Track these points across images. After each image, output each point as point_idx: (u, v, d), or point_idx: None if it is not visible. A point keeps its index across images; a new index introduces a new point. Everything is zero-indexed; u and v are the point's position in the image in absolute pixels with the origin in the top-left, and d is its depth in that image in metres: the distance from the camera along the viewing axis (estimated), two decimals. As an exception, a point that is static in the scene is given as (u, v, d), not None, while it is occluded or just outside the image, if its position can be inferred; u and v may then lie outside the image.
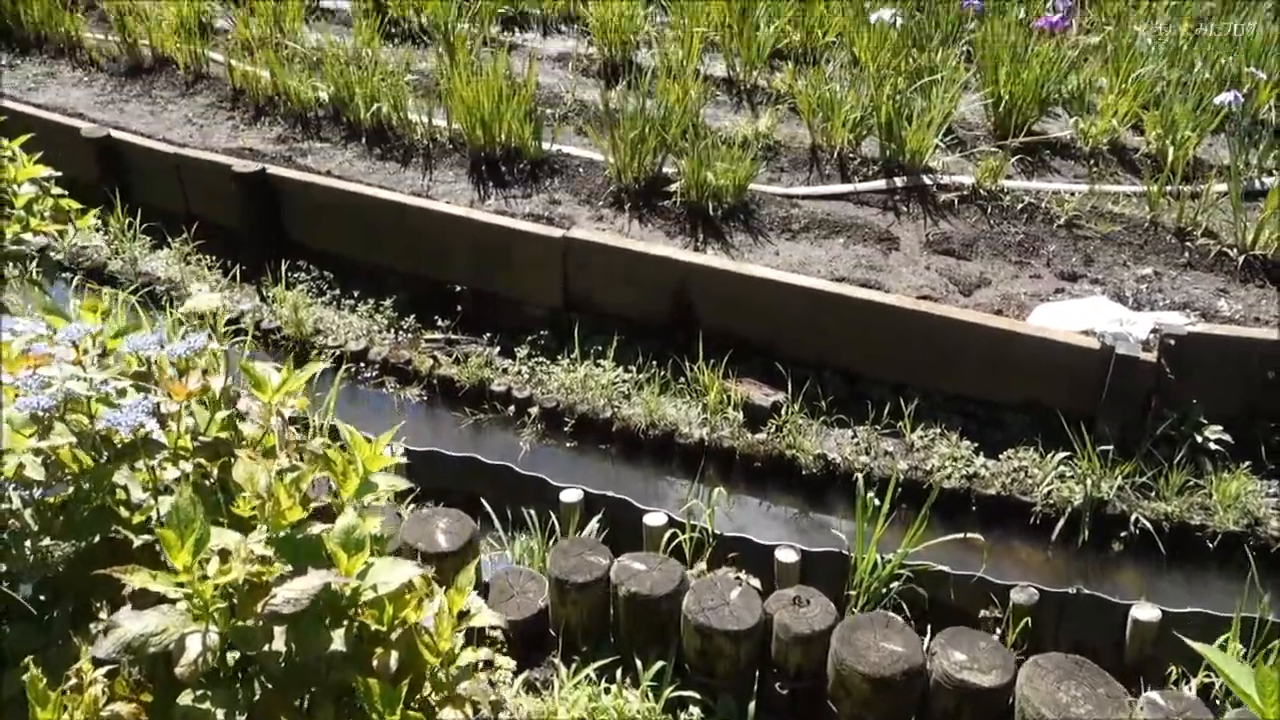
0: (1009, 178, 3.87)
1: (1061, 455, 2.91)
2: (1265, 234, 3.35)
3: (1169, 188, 3.66)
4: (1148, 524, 2.76)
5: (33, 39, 5.49)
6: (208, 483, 1.09)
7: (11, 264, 2.15)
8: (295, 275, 3.88)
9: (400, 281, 3.85)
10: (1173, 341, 2.85)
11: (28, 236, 2.10)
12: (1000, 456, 2.99)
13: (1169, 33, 4.63)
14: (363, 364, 3.56)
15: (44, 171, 2.20)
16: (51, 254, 2.29)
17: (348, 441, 1.22)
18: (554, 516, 2.71)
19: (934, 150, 3.91)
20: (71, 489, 1.00)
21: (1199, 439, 2.88)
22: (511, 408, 3.35)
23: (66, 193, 2.38)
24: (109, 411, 0.98)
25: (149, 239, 4.17)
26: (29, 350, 1.18)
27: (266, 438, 1.16)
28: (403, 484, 1.41)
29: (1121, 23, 4.90)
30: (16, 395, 1.01)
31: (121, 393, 1.05)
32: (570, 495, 2.70)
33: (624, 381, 3.32)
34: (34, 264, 2.29)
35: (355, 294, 3.82)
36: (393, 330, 3.68)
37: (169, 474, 1.06)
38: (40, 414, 1.00)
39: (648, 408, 3.20)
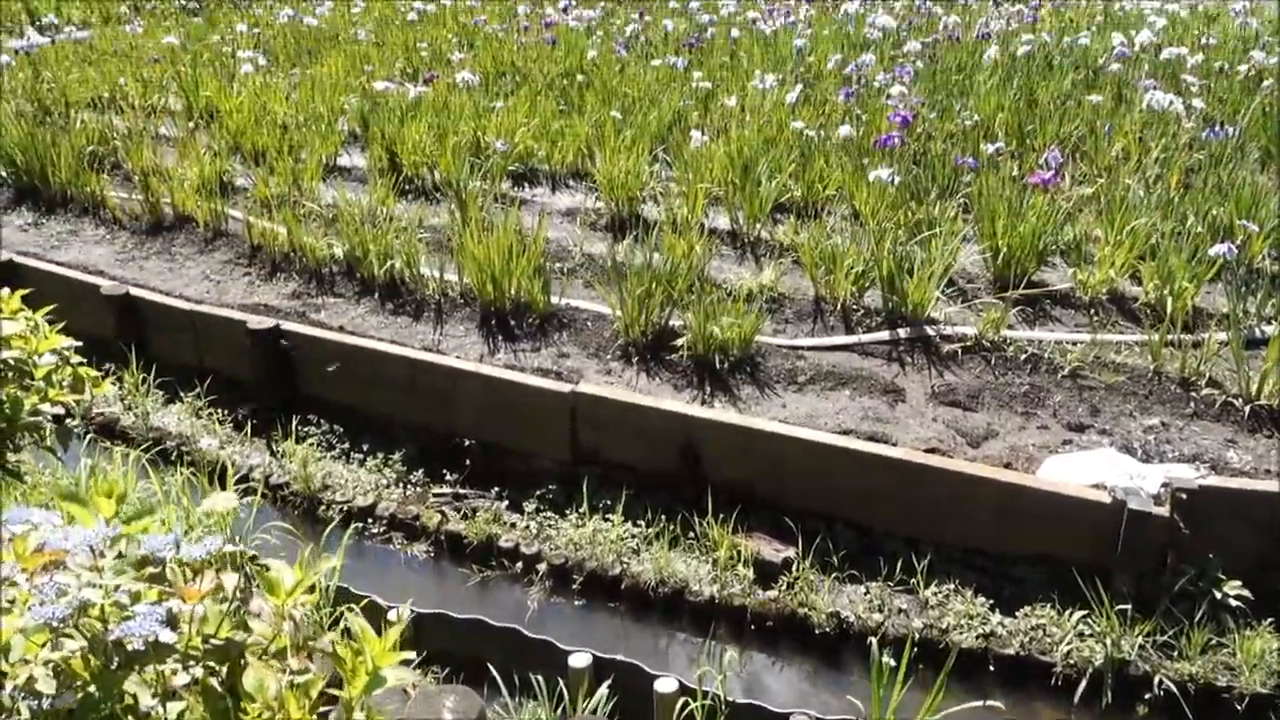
0: (1011, 328, 3.93)
1: (1080, 613, 2.86)
2: (1269, 384, 3.38)
3: (1170, 336, 3.71)
4: (1172, 685, 2.69)
5: (59, 198, 5.70)
6: (217, 686, 1.08)
7: (28, 434, 2.18)
8: (305, 429, 3.91)
9: (409, 434, 3.88)
10: (1184, 496, 2.83)
11: (45, 407, 2.13)
12: (1017, 614, 2.94)
13: (1159, 185, 4.78)
14: (370, 519, 3.55)
15: (64, 342, 2.25)
16: (68, 421, 2.31)
17: (358, 634, 1.21)
18: (562, 682, 2.65)
19: (936, 302, 3.98)
20: (80, 695, 1.00)
21: (1218, 595, 2.83)
22: (519, 564, 3.32)
23: (85, 360, 2.42)
24: (124, 623, 0.99)
25: (162, 394, 4.23)
26: (44, 545, 1.19)
27: (278, 639, 1.15)
28: (411, 677, 1.40)
29: (1113, 175, 5.07)
30: (31, 602, 1.01)
31: (136, 597, 1.06)
32: (579, 660, 2.65)
33: (632, 537, 3.31)
34: (50, 431, 2.31)
35: (364, 447, 3.84)
36: (401, 485, 3.69)
37: (178, 679, 1.05)
38: (55, 624, 1.00)
39: (657, 564, 3.17)
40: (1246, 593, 2.82)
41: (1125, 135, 5.52)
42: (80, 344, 2.47)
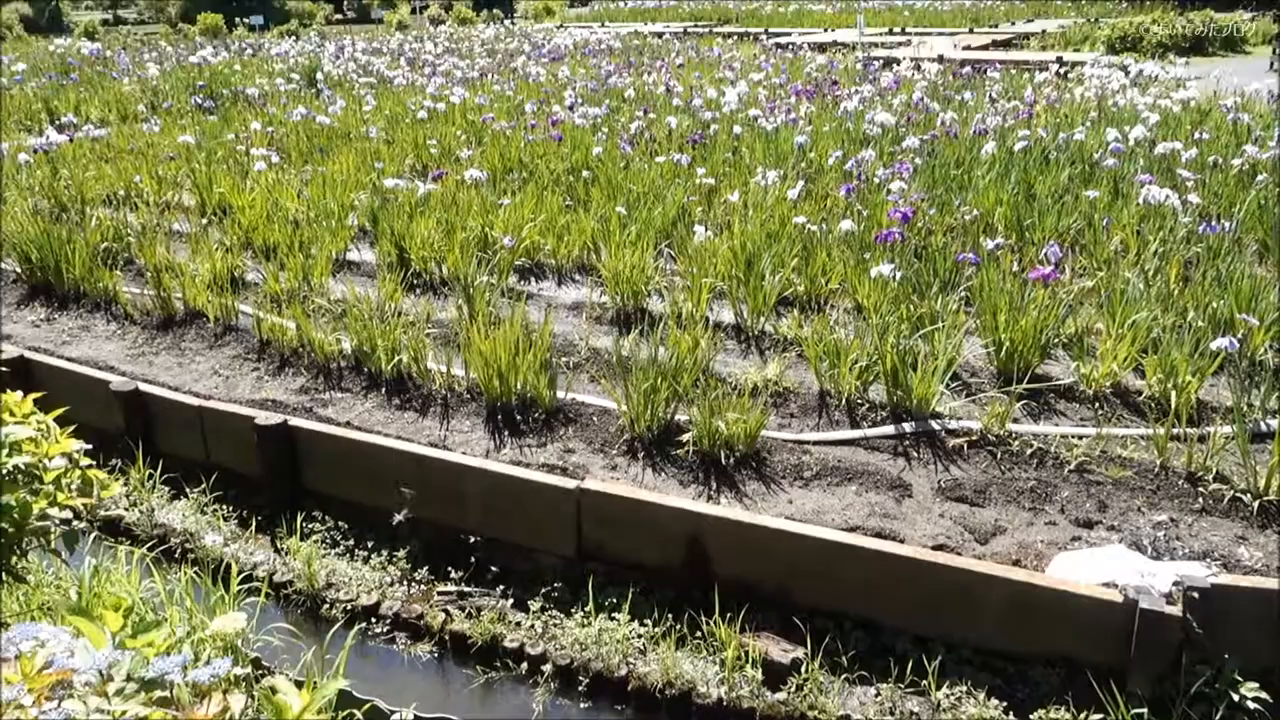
0: (1016, 421, 3.94)
1: (1096, 716, 2.81)
2: (1276, 479, 3.37)
3: (1175, 431, 3.71)
4: (1193, 793, 2.63)
5: (72, 294, 5.78)
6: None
7: (36, 538, 2.18)
8: (310, 525, 3.90)
9: (415, 530, 3.86)
10: (1196, 595, 2.80)
11: (53, 511, 2.14)
12: (1031, 717, 2.88)
13: (1159, 279, 4.84)
14: (374, 619, 3.51)
15: (74, 445, 2.27)
16: (75, 524, 2.32)
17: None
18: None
19: (940, 396, 4.00)
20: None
21: (1235, 697, 2.78)
22: (524, 665, 3.28)
23: (93, 458, 2.44)
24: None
25: (168, 489, 4.23)
26: (51, 662, 1.19)
27: (285, 762, 1.14)
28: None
29: (1112, 268, 5.13)
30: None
31: (143, 721, 1.05)
32: (585, 767, 2.60)
33: (639, 636, 3.27)
34: (57, 535, 2.32)
35: (369, 544, 3.83)
36: (405, 582, 3.66)
37: (184, 806, 1.04)
38: (62, 751, 1.00)
39: (664, 665, 3.12)
40: (1264, 695, 2.77)
41: (1123, 229, 5.61)
42: (88, 442, 2.50)
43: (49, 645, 1.25)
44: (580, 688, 3.17)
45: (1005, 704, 2.92)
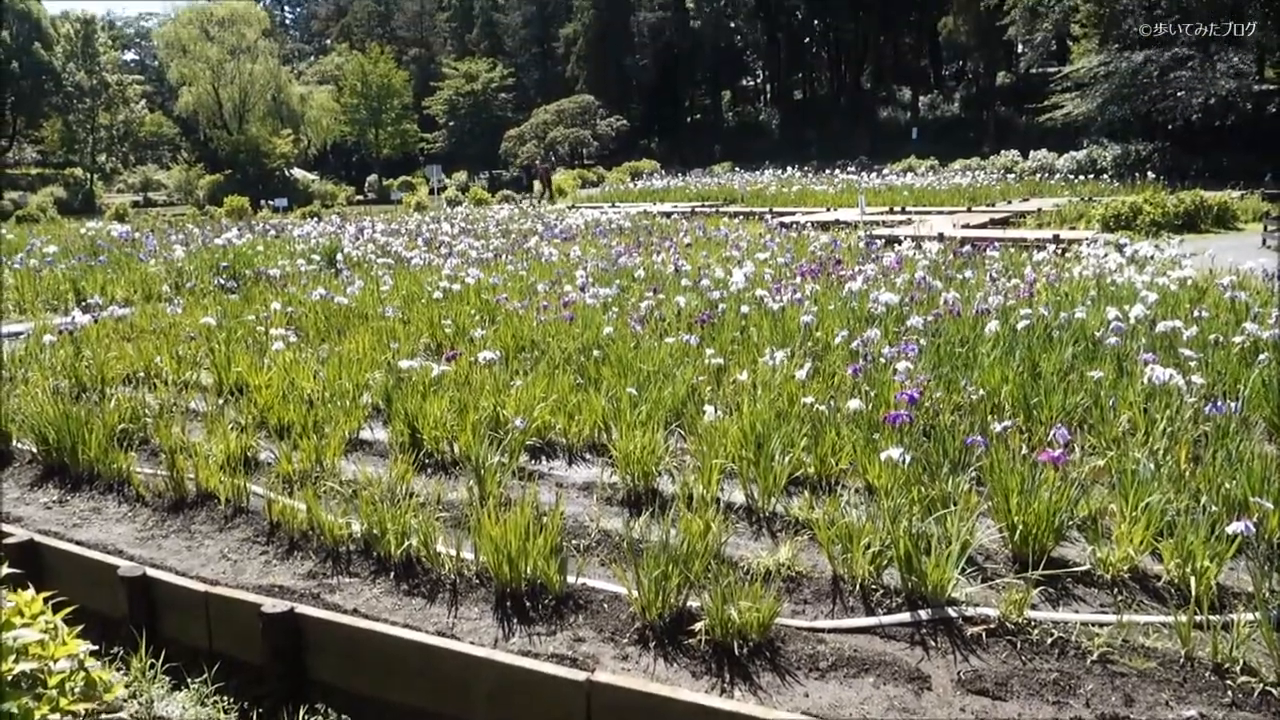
0: (1034, 608, 3.87)
1: None
2: (1306, 671, 3.28)
3: (1198, 618, 3.64)
4: None
5: (85, 475, 5.82)
6: None
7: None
8: (312, 719, 3.79)
9: (419, 724, 3.75)
10: (1234, 800, 2.69)
11: (54, 718, 2.10)
12: None
13: (1169, 459, 4.84)
14: (374, 822, 3.37)
15: (81, 647, 2.25)
16: (74, 726, 2.27)
17: None
18: None
19: (955, 582, 3.94)
20: None
21: None
22: None
23: (98, 662, 2.41)
24: None
25: (169, 679, 4.13)
26: None
27: None
28: None
29: (1121, 447, 5.15)
30: None
31: None
32: None
33: (651, 843, 3.12)
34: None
35: (372, 739, 3.71)
36: (408, 781, 3.53)
37: None
38: None
39: None
40: None
41: (1130, 407, 5.65)
42: (94, 627, 2.48)
43: None
44: None
45: None
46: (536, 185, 37.38)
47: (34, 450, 6.14)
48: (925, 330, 7.32)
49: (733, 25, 64.38)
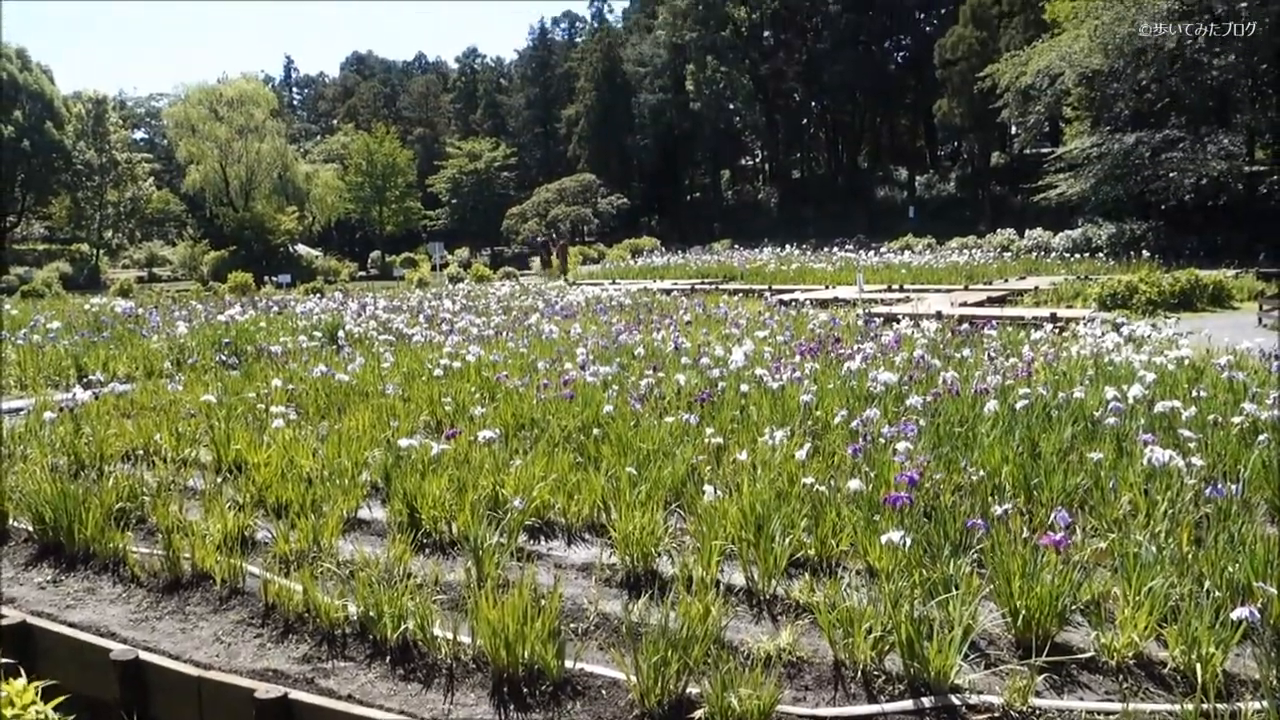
0: (1038, 695, 3.81)
1: None
2: (1317, 762, 3.22)
3: (1205, 707, 3.58)
4: None
5: (80, 554, 5.78)
6: None
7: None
8: (303, 809, 3.71)
9: (413, 815, 3.67)
10: None
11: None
12: None
13: (1171, 541, 4.81)
14: None
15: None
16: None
17: None
18: None
19: (958, 668, 3.89)
20: None
21: None
22: None
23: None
24: None
25: (158, 767, 4.06)
26: None
27: None
28: None
29: (1123, 528, 5.12)
30: None
31: None
32: None
33: None
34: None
35: (364, 831, 3.63)
36: None
37: None
38: None
39: None
40: None
41: (1130, 488, 5.64)
42: (85, 712, 2.44)
43: None
44: None
45: None
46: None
47: (30, 529, 6.11)
48: (924, 410, 7.33)
49: (731, 107, 65.71)
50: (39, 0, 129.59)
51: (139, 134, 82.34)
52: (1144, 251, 28.70)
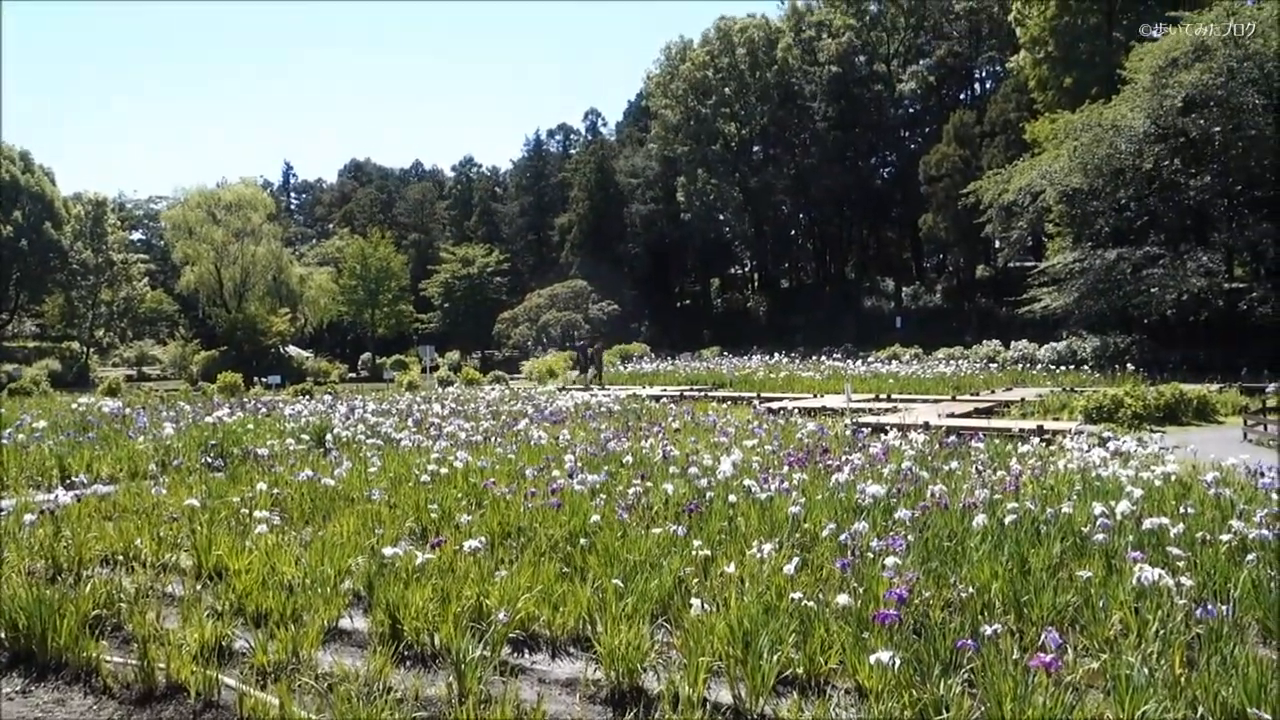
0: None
1: None
2: None
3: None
4: None
5: (53, 663, 5.64)
6: None
7: None
8: None
9: None
10: None
11: None
12: None
13: (1163, 663, 4.75)
14: None
15: None
16: None
17: None
18: None
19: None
20: None
21: None
22: None
23: None
24: None
25: None
26: None
27: None
28: None
29: (1114, 648, 5.06)
30: None
31: None
32: None
33: None
34: None
35: None
36: None
37: None
38: None
39: None
40: None
41: (1121, 607, 5.59)
42: None
43: None
44: None
45: None
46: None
47: (2, 636, 5.96)
48: (913, 524, 7.30)
49: (721, 217, 66.99)
50: (41, 99, 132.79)
51: (136, 235, 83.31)
52: (1128, 365, 29.02)
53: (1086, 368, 30.88)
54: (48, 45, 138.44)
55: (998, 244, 44.33)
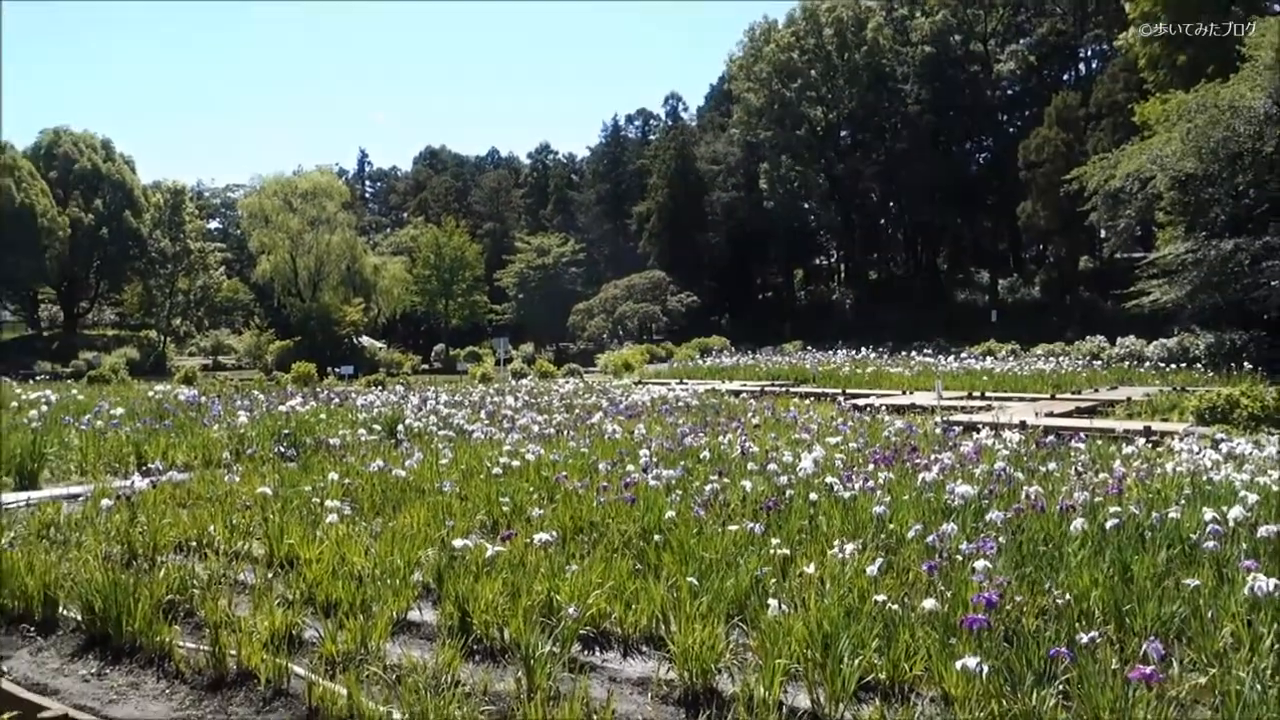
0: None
1: None
2: None
3: None
4: None
5: (127, 647, 5.86)
6: None
7: None
8: None
9: None
10: None
11: None
12: None
13: (1277, 679, 4.58)
14: None
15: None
16: None
17: None
18: None
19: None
20: None
21: None
22: None
23: None
24: None
25: None
26: None
27: None
28: None
29: (1224, 662, 4.89)
30: None
31: None
32: None
33: None
34: None
35: None
36: None
37: None
38: None
39: None
40: None
41: (1232, 619, 5.40)
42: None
43: None
44: None
45: None
46: None
47: (79, 618, 6.22)
48: (1005, 526, 7.15)
49: (806, 206, 66.44)
50: (129, 92, 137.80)
51: (213, 224, 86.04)
52: (1245, 363, 27.95)
53: (1199, 366, 29.85)
54: (127, 33, 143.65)
55: (1103, 233, 43.14)
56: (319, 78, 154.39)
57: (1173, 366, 30.34)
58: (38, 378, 37.60)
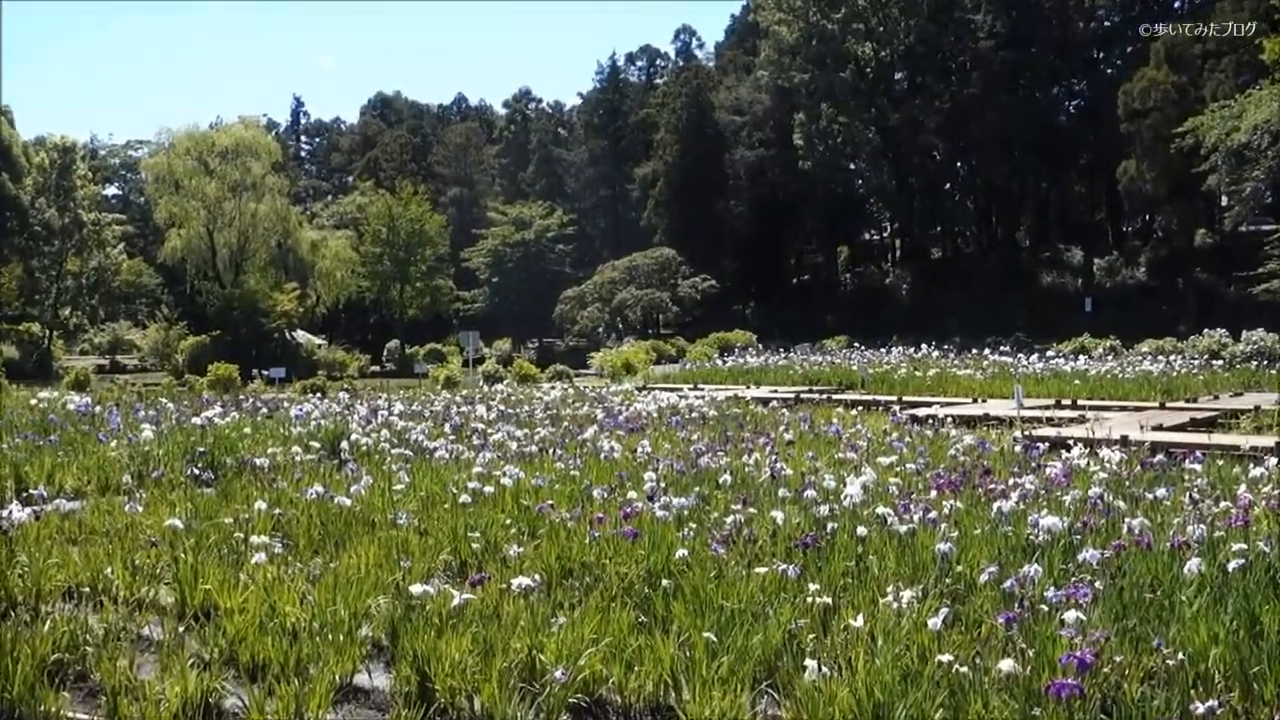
0: None
1: None
2: None
3: None
4: None
5: (6, 717, 5.87)
6: None
7: None
8: None
9: None
10: None
11: None
12: None
13: None
14: None
15: None
16: None
17: None
18: None
19: None
20: None
21: None
22: None
23: None
24: None
25: None
26: None
27: None
28: None
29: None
30: None
31: None
32: None
33: None
34: None
35: None
36: None
37: None
38: None
39: None
40: None
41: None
42: None
43: None
44: None
45: None
46: None
47: (-55, 689, 6.24)
48: (1103, 568, 7.15)
49: (852, 166, 66.54)
50: (5, 26, 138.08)
51: (111, 190, 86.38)
52: (1404, 364, 27.96)
53: (1347, 367, 29.86)
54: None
55: (1225, 200, 43.11)
56: (244, 9, 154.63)
57: (1313, 368, 30.34)
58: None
